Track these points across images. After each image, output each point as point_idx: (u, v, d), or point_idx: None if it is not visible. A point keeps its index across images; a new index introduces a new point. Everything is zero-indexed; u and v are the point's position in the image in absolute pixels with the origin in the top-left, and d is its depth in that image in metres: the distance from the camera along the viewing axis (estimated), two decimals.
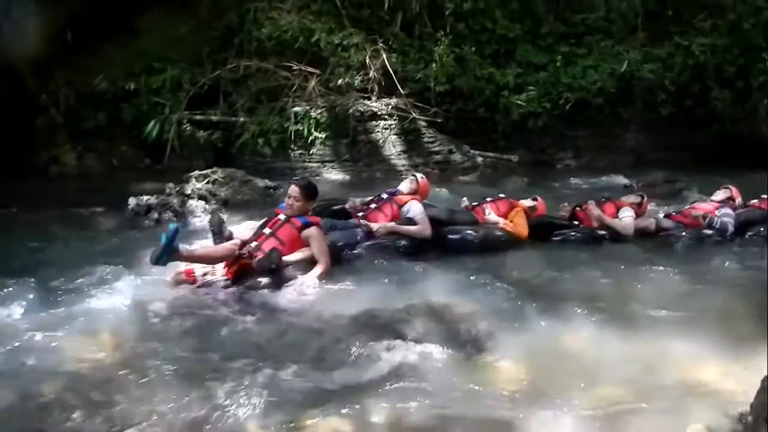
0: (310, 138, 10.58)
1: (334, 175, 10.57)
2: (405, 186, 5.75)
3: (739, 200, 6.30)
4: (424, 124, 11.01)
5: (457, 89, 11.42)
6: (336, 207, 5.73)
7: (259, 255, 4.17)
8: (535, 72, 11.75)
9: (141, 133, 10.62)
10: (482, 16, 11.73)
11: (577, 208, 6.02)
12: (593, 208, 5.73)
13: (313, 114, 10.62)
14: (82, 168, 10.69)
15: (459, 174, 10.80)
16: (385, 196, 5.61)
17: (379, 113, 10.79)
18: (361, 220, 5.25)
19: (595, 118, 11.85)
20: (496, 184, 9.99)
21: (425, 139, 11.00)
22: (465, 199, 6.15)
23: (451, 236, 5.31)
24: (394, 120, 10.82)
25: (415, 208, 5.23)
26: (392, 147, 10.82)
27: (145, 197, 7.09)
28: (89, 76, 10.83)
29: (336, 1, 11.35)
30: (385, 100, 10.94)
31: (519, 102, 11.35)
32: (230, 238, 4.58)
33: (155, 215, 6.91)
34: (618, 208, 5.87)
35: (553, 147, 12.08)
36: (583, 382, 3.03)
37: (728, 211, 5.83)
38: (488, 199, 5.93)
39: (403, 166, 10.75)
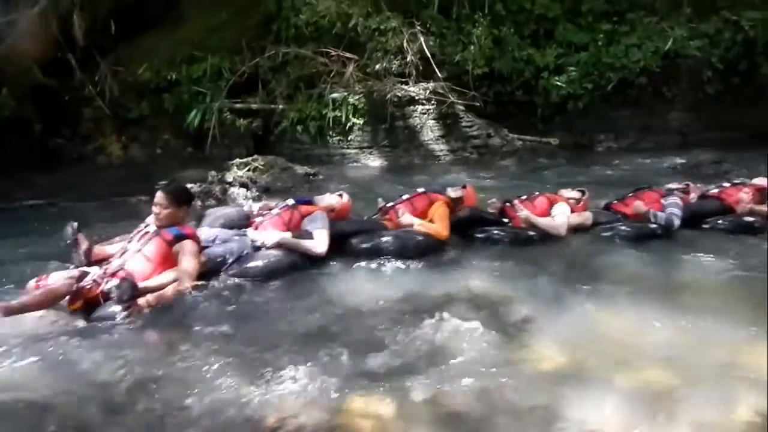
0: (348, 124, 10.62)
1: (372, 161, 10.61)
2: (323, 199, 5.10)
3: (694, 195, 5.83)
4: (462, 108, 10.93)
5: (496, 72, 11.31)
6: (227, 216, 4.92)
7: (106, 285, 3.47)
8: (575, 52, 11.53)
9: (183, 122, 10.86)
10: None
11: (507, 204, 5.38)
12: (519, 208, 5.12)
13: (350, 100, 10.65)
14: (127, 157, 11.00)
15: (498, 158, 10.70)
16: (290, 202, 4.86)
17: (416, 98, 10.76)
18: (249, 230, 4.56)
19: (637, 98, 11.59)
20: (535, 168, 9.94)
21: (463, 124, 10.93)
22: (380, 199, 5.45)
23: (356, 247, 4.65)
24: (432, 104, 10.78)
25: (316, 221, 4.54)
26: (430, 132, 10.79)
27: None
28: (133, 66, 11.08)
29: None
30: (422, 84, 10.89)
31: (559, 84, 11.17)
32: (89, 253, 3.97)
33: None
34: (552, 204, 5.30)
35: (593, 129, 11.86)
36: (625, 363, 3.02)
37: (676, 201, 5.33)
38: (404, 197, 5.20)
39: (441, 151, 10.73)
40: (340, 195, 5.18)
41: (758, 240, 5.12)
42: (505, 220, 5.27)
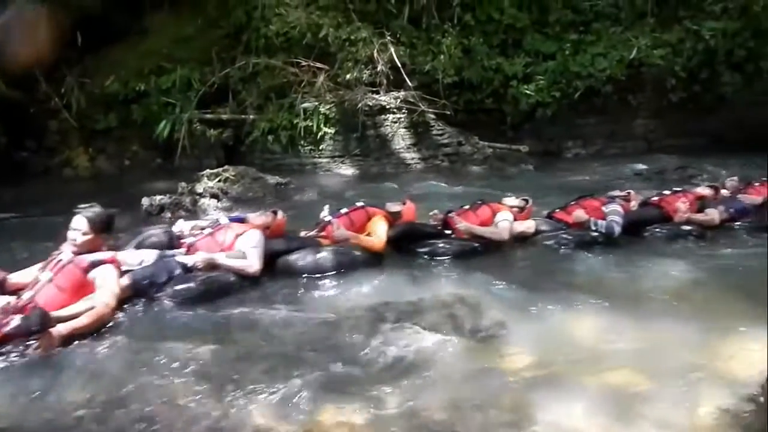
0: (320, 133, 10.62)
1: (343, 170, 10.61)
2: (256, 217, 4.91)
3: (635, 203, 5.92)
4: (432, 116, 11.01)
5: (466, 81, 11.42)
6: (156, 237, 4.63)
7: (12, 320, 3.07)
8: (543, 61, 11.71)
9: (152, 133, 10.72)
10: (489, 5, 11.69)
11: (450, 215, 5.24)
12: (457, 220, 5.03)
13: (322, 109, 10.65)
14: (94, 170, 10.83)
15: (468, 165, 10.80)
16: (224, 221, 4.70)
17: (387, 107, 10.81)
18: (178, 251, 4.33)
19: (604, 106, 11.82)
20: (506, 176, 10.06)
21: (434, 132, 11.01)
22: (325, 209, 5.31)
23: (291, 265, 4.51)
24: (403, 113, 10.83)
25: (251, 240, 4.36)
26: (401, 140, 10.85)
27: (158, 197, 7.20)
28: (100, 78, 10.94)
29: None
30: (393, 93, 10.95)
31: (528, 92, 11.33)
32: (3, 284, 3.67)
33: (168, 214, 7.01)
34: (495, 212, 5.27)
35: (562, 136, 12.06)
36: (593, 366, 3.07)
37: (616, 208, 5.37)
38: (342, 211, 5.12)
39: (413, 159, 10.78)
40: (275, 212, 5.02)
41: (701, 246, 5.28)
42: (448, 232, 5.17)
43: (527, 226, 5.31)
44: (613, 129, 12.20)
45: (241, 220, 4.81)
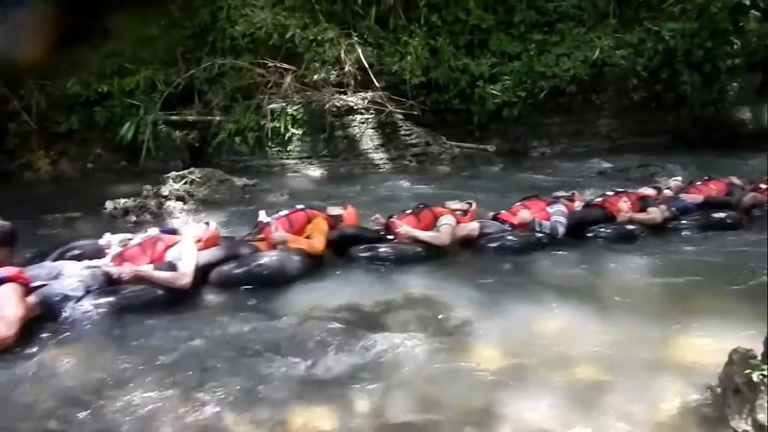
0: (287, 135, 10.56)
1: (312, 171, 10.57)
2: (188, 228, 4.75)
3: (579, 204, 5.94)
4: (400, 117, 11.05)
5: (433, 81, 11.48)
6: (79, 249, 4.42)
7: None
8: (509, 62, 11.85)
9: (115, 136, 10.53)
10: (455, 6, 11.79)
11: (391, 219, 5.18)
12: (398, 225, 4.97)
13: (289, 110, 10.59)
14: (56, 173, 10.57)
15: (436, 165, 10.87)
16: (154, 232, 4.53)
17: (355, 107, 10.81)
18: (103, 261, 4.13)
19: (568, 105, 12.01)
20: (473, 175, 10.15)
21: (402, 132, 11.04)
22: (261, 213, 5.14)
23: (226, 275, 4.31)
24: (371, 114, 10.85)
25: (181, 251, 4.18)
26: (370, 141, 10.86)
27: (122, 200, 7.08)
28: (60, 79, 10.69)
29: None
30: (361, 94, 10.95)
31: (494, 92, 11.44)
32: None
33: (133, 218, 6.90)
34: (437, 216, 5.19)
35: (528, 135, 12.21)
36: (558, 362, 3.13)
37: (561, 209, 5.42)
38: (281, 213, 4.99)
39: (381, 159, 10.80)
40: (207, 224, 4.84)
41: (653, 244, 5.35)
42: (390, 237, 5.09)
43: (471, 228, 5.27)
44: (577, 128, 12.41)
45: (173, 232, 4.63)
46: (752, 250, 5.08)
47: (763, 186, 6.55)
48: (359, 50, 10.93)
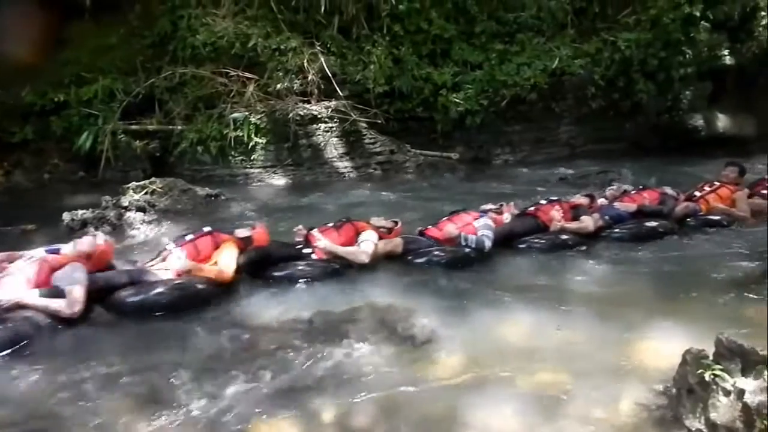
0: (251, 144, 10.47)
1: (276, 180, 10.51)
2: (72, 247, 4.27)
3: (507, 216, 5.84)
4: (364, 125, 11.07)
5: (396, 90, 11.53)
6: None
7: None
8: (471, 71, 11.97)
9: (73, 146, 10.30)
10: (418, 16, 11.86)
11: (311, 232, 5.00)
12: (317, 238, 4.83)
13: (252, 119, 10.51)
14: (11, 184, 10.26)
15: (401, 173, 10.92)
16: (39, 253, 4.15)
17: (319, 116, 10.79)
18: None
19: (529, 113, 12.19)
20: (437, 183, 10.23)
21: (366, 141, 11.07)
22: (167, 241, 4.88)
23: (121, 302, 4.00)
24: (335, 122, 10.84)
25: (69, 275, 3.84)
26: (334, 149, 10.85)
27: (80, 211, 6.90)
28: (14, 88, 10.42)
29: (272, 5, 11.30)
30: (324, 103, 10.93)
31: (457, 100, 11.55)
32: None
33: (91, 229, 6.72)
34: (359, 231, 5.06)
35: (490, 143, 12.35)
36: (520, 368, 3.17)
37: (487, 222, 5.34)
38: (187, 238, 4.67)
39: (345, 168, 10.80)
40: (93, 236, 4.52)
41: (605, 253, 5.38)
42: (308, 250, 4.87)
43: (394, 245, 5.14)
44: (538, 135, 12.61)
45: (57, 251, 4.21)
46: (692, 256, 5.27)
47: (698, 194, 6.58)
48: (322, 59, 10.93)
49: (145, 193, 7.73)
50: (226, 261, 4.45)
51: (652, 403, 2.77)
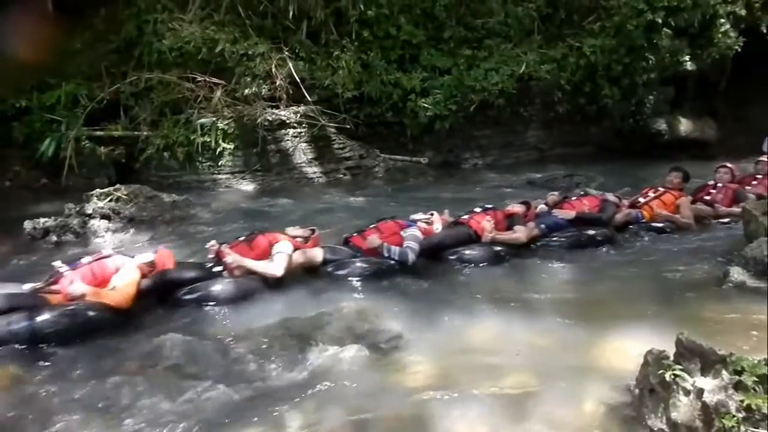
0: (218, 149, 10.38)
1: (244, 185, 10.42)
2: None
3: (438, 226, 5.57)
4: (333, 130, 11.06)
5: (365, 95, 11.55)
6: None
7: None
8: (439, 76, 12.06)
9: (35, 152, 10.05)
10: (386, 22, 11.92)
11: (222, 247, 4.69)
12: (226, 253, 4.52)
13: (220, 125, 10.41)
14: None
15: (371, 178, 10.93)
16: None
17: (288, 121, 10.74)
18: None
19: (497, 118, 12.33)
20: (407, 187, 10.27)
21: (336, 146, 11.05)
22: (58, 262, 4.33)
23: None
24: (304, 128, 10.80)
25: None
26: (303, 155, 10.81)
27: (42, 219, 6.72)
28: None
29: (239, 11, 11.24)
30: (293, 108, 10.89)
31: (426, 105, 11.61)
32: None
33: (54, 238, 6.59)
34: (272, 244, 4.74)
35: (459, 148, 12.46)
36: (489, 372, 3.19)
37: (414, 233, 5.08)
38: (82, 261, 4.30)
39: (315, 173, 10.78)
40: None
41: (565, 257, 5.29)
42: (220, 268, 4.53)
43: (312, 255, 4.88)
44: (507, 140, 12.77)
45: None
46: (652, 258, 5.34)
47: (642, 200, 6.52)
48: (291, 64, 10.89)
49: (110, 201, 7.56)
50: (122, 287, 4.07)
51: (616, 404, 2.80)
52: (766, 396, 2.28)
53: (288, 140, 10.75)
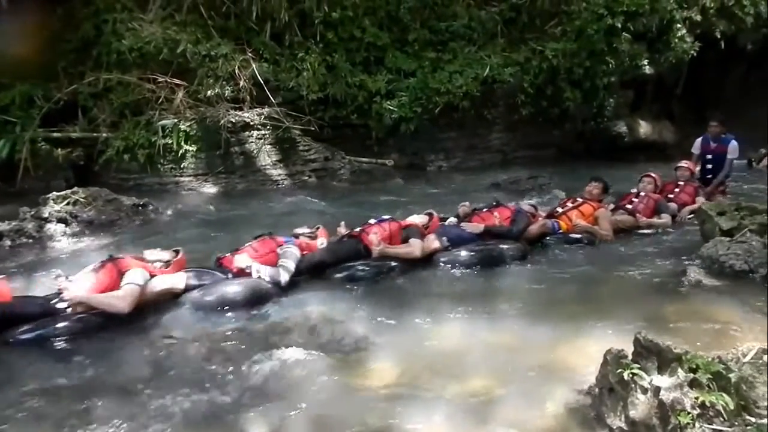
0: (180, 151, 10.20)
1: (207, 188, 10.26)
2: None
3: (322, 241, 5.29)
4: (298, 132, 10.97)
5: (330, 97, 11.49)
6: None
7: None
8: (404, 78, 12.08)
9: None
10: (351, 24, 11.88)
11: (61, 282, 4.03)
12: (64, 289, 3.94)
13: (182, 126, 10.23)
14: None
15: (336, 180, 10.88)
16: None
17: (251, 123, 10.62)
18: None
19: (462, 120, 12.38)
20: (373, 189, 10.25)
21: (301, 148, 10.97)
22: None
23: None
24: (268, 129, 10.70)
25: None
26: (267, 157, 10.70)
27: None
28: None
29: (202, 11, 11.08)
30: (257, 109, 10.77)
31: (391, 108, 11.61)
32: None
33: (8, 242, 6.40)
34: (123, 272, 4.14)
35: (425, 150, 12.49)
36: (453, 376, 3.19)
37: (291, 251, 4.79)
38: None
39: (279, 175, 10.68)
40: None
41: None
42: (64, 304, 3.96)
43: (172, 282, 4.32)
44: (471, 142, 12.85)
45: None
46: (612, 259, 5.41)
47: (560, 210, 6.32)
48: (254, 66, 10.78)
49: (67, 204, 7.38)
50: None
51: (577, 404, 2.84)
52: (720, 393, 2.33)
53: (252, 142, 10.64)
